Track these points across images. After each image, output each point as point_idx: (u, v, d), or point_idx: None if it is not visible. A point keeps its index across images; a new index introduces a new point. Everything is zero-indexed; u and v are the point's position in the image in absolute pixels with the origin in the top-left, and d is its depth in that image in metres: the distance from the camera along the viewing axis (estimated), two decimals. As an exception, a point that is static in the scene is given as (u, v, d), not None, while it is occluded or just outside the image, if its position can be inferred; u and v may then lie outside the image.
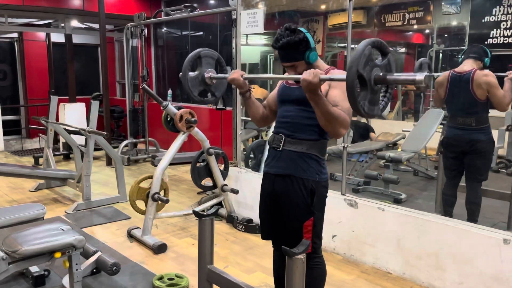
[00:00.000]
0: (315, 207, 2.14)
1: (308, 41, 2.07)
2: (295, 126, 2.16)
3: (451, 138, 3.71)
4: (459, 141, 3.62)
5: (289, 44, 2.06)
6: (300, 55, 2.08)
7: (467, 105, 3.55)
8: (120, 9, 7.91)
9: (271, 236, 2.37)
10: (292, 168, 2.15)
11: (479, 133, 3.53)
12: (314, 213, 2.14)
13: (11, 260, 2.34)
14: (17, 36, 9.03)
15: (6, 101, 9.01)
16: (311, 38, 2.08)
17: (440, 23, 7.33)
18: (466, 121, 3.56)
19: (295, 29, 2.07)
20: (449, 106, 3.77)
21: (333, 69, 2.16)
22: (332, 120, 1.97)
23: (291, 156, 2.15)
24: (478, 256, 2.80)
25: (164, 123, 4.12)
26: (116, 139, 8.60)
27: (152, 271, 3.28)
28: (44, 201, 5.04)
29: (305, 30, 2.10)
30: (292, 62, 2.11)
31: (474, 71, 3.49)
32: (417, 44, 9.05)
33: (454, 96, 3.63)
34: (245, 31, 4.31)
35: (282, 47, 2.08)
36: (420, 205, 4.53)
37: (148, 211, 3.81)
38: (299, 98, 2.12)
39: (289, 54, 2.10)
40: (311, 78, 1.87)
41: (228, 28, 5.89)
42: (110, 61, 9.64)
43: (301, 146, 2.14)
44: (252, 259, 3.52)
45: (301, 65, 2.11)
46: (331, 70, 2.15)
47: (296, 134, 2.15)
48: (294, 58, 2.10)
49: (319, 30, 8.19)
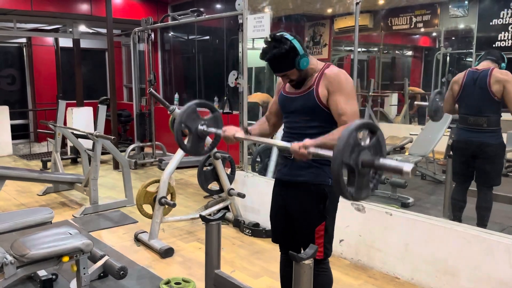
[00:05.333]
0: (327, 211, 2.13)
1: (296, 48, 1.99)
2: (305, 137, 2.07)
3: (461, 141, 3.63)
4: (469, 144, 3.55)
5: (276, 56, 1.99)
6: (290, 64, 2.01)
7: (481, 102, 3.46)
8: (127, 14, 7.96)
9: (281, 240, 2.36)
10: (305, 175, 2.13)
11: (490, 136, 3.46)
12: (326, 217, 2.13)
13: (19, 264, 2.35)
14: (26, 41, 9.11)
15: (15, 105, 9.09)
16: (298, 45, 2.00)
17: (447, 26, 7.30)
18: (478, 121, 3.48)
19: (281, 38, 1.99)
20: (461, 104, 3.65)
21: (328, 66, 2.10)
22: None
23: (303, 164, 2.10)
24: (487, 261, 2.77)
25: (171, 127, 4.13)
26: (123, 143, 8.63)
27: (159, 275, 3.28)
28: (52, 205, 5.07)
29: (291, 36, 2.00)
30: (283, 72, 2.05)
31: (492, 68, 3.46)
32: (424, 47, 9.02)
33: (469, 93, 3.53)
34: (252, 35, 4.31)
35: (270, 60, 2.02)
36: (428, 209, 4.49)
37: (155, 215, 3.82)
38: (301, 108, 2.11)
39: (279, 65, 2.04)
40: (302, 157, 1.81)
41: (234, 32, 5.91)
42: (117, 65, 9.69)
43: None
44: (259, 264, 3.51)
45: (293, 73, 2.05)
46: (326, 68, 2.09)
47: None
48: (285, 68, 2.03)
49: (325, 33, 8.18)
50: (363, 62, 9.27)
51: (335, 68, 2.09)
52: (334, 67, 2.10)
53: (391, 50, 9.53)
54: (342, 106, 2.00)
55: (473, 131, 3.52)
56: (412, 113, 8.08)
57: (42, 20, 8.03)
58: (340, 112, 2.01)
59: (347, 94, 2.01)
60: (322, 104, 2.05)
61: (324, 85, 2.04)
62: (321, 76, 2.06)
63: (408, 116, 7.93)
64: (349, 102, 2.01)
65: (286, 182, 2.22)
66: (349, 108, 1.99)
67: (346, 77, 2.05)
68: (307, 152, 1.78)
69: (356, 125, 1.58)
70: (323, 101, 2.05)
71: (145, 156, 7.48)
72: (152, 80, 7.03)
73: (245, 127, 2.23)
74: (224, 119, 6.96)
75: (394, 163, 1.56)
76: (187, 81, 9.00)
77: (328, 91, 2.04)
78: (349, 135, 1.54)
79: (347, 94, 2.02)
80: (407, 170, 1.49)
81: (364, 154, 1.58)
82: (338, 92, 2.01)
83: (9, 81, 9.26)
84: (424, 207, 4.66)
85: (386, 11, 7.55)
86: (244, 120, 4.48)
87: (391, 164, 1.56)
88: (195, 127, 2.24)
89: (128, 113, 9.03)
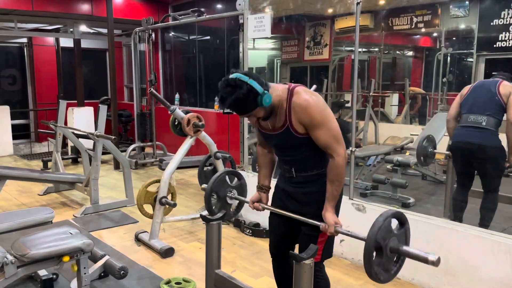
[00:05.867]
0: None
1: (254, 89, 1.89)
2: (299, 165, 2.14)
3: (460, 141, 3.61)
4: (467, 144, 3.53)
5: (238, 101, 1.91)
6: (253, 105, 1.93)
7: (486, 101, 3.47)
8: (128, 14, 7.96)
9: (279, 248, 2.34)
10: (307, 187, 2.15)
11: (488, 138, 3.44)
12: None
13: (20, 264, 2.35)
14: (27, 41, 9.13)
15: (16, 105, 9.10)
16: (255, 84, 1.89)
17: (448, 26, 7.29)
18: (478, 119, 3.47)
19: (235, 82, 1.89)
20: (465, 104, 3.61)
21: (292, 94, 2.01)
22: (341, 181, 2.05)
23: (306, 178, 2.14)
24: (488, 261, 2.77)
25: (172, 127, 4.13)
26: (124, 143, 8.64)
27: (160, 275, 3.28)
28: (52, 204, 5.07)
29: (246, 77, 1.90)
30: (248, 113, 1.99)
31: (503, 80, 3.52)
32: (424, 48, 9.01)
33: (476, 93, 3.56)
34: (252, 36, 4.31)
35: (231, 106, 1.94)
36: (428, 209, 4.49)
37: (156, 215, 3.82)
38: (283, 144, 2.11)
39: (241, 109, 1.97)
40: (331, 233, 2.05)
41: (235, 32, 5.91)
42: (118, 65, 9.69)
43: (313, 172, 2.13)
44: (259, 264, 3.51)
45: (259, 111, 1.98)
46: (291, 97, 2.00)
47: (304, 168, 2.14)
48: (248, 110, 1.96)
49: (326, 34, 8.18)
50: (364, 62, 9.26)
51: (301, 96, 1.98)
52: (300, 94, 2.00)
53: (392, 50, 9.52)
54: (323, 140, 1.98)
55: (471, 130, 3.50)
56: (413, 113, 8.07)
57: (43, 20, 8.04)
58: (323, 146, 2.00)
59: (321, 124, 1.96)
60: (303, 135, 2.02)
61: (296, 120, 1.99)
62: (290, 108, 1.99)
63: (409, 116, 7.92)
64: (328, 131, 1.97)
65: (289, 192, 2.22)
66: (330, 139, 1.98)
67: (315, 103, 1.96)
68: (336, 232, 2.05)
69: (391, 213, 1.77)
70: (302, 132, 2.01)
71: (146, 156, 7.48)
72: (152, 80, 7.04)
73: (260, 185, 2.33)
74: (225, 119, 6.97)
75: (419, 252, 1.71)
76: (188, 81, 9.00)
77: (303, 126, 1.99)
78: (385, 219, 1.73)
79: (322, 123, 1.96)
80: (433, 260, 1.65)
81: (393, 241, 1.75)
82: (313, 128, 1.97)
83: (10, 81, 9.27)
84: (425, 207, 4.65)
85: (386, 11, 7.54)
86: (244, 120, 4.48)
87: (416, 252, 1.72)
88: (224, 194, 2.38)
89: (128, 113, 9.04)
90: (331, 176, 2.02)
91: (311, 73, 9.22)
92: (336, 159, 1.98)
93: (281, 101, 2.01)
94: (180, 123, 3.99)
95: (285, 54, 9.15)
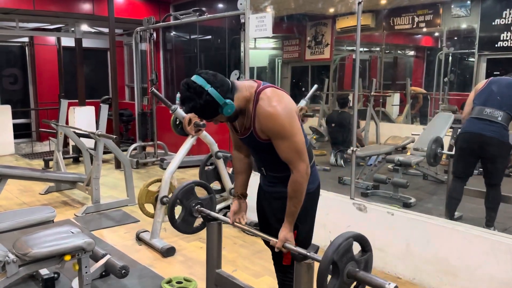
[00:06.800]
0: (300, 219, 2.02)
1: (214, 99, 1.79)
2: (268, 165, 2.11)
3: (470, 132, 3.56)
4: (478, 136, 3.49)
5: (194, 109, 1.84)
6: (213, 113, 1.85)
7: (505, 96, 3.44)
8: (129, 13, 7.96)
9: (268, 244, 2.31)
10: (276, 186, 2.11)
11: (502, 133, 3.43)
12: (297, 225, 2.03)
13: (21, 263, 2.36)
14: (28, 41, 9.14)
15: (17, 104, 9.11)
16: (216, 93, 1.78)
17: (449, 26, 7.28)
18: (494, 113, 3.43)
19: (195, 90, 1.78)
20: (480, 96, 3.57)
21: (258, 98, 1.88)
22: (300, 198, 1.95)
23: (276, 178, 2.11)
24: (489, 261, 2.77)
25: (173, 127, 4.13)
26: (125, 143, 8.65)
27: (161, 274, 3.29)
28: (54, 204, 5.08)
29: (208, 84, 1.78)
30: (210, 120, 1.92)
31: None
32: (426, 47, 9.00)
33: (494, 87, 3.53)
34: (254, 35, 4.31)
35: (190, 111, 1.88)
36: (429, 209, 4.48)
37: (157, 214, 3.82)
38: (251, 146, 2.06)
39: (201, 115, 1.89)
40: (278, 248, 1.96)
41: (236, 32, 5.92)
42: (119, 65, 9.70)
43: (282, 174, 2.01)
44: (260, 263, 3.51)
45: (221, 117, 1.89)
46: (257, 102, 1.88)
47: (273, 169, 2.09)
48: (208, 117, 1.89)
49: (327, 33, 8.18)
50: (365, 62, 9.25)
51: (266, 103, 1.86)
52: (265, 100, 1.87)
53: (393, 50, 9.51)
54: (284, 153, 1.90)
55: (487, 123, 3.45)
56: (414, 113, 8.06)
57: (44, 19, 8.05)
58: (284, 159, 1.92)
59: (285, 138, 1.86)
60: (266, 141, 1.94)
61: (259, 128, 1.90)
62: (255, 113, 1.89)
63: (410, 116, 7.91)
64: (290, 144, 1.87)
65: (264, 190, 2.23)
66: (291, 153, 1.88)
67: (280, 113, 1.84)
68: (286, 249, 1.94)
69: (353, 234, 1.66)
70: (265, 138, 1.93)
71: (147, 155, 7.49)
72: (154, 79, 7.05)
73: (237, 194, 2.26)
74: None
75: (378, 279, 1.58)
76: (189, 81, 8.99)
77: (266, 134, 1.91)
78: (345, 239, 1.61)
79: (285, 137, 1.86)
80: None
81: (352, 265, 1.64)
82: (275, 139, 1.89)
83: (11, 80, 9.28)
84: (426, 207, 4.65)
85: (388, 11, 7.54)
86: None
87: (375, 281, 1.58)
88: (189, 205, 2.35)
89: (130, 112, 9.05)
90: (290, 192, 1.94)
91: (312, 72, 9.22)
92: (295, 175, 1.90)
93: (248, 102, 1.91)
94: (181, 122, 4.00)
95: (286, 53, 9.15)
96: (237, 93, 1.88)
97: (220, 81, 1.83)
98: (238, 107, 1.88)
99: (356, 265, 1.66)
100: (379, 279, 1.58)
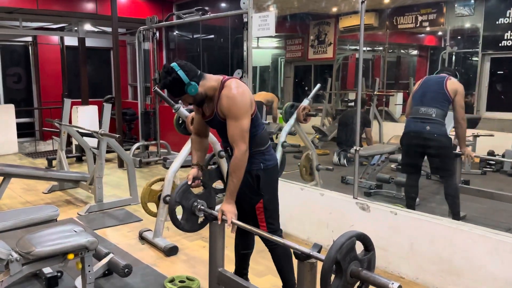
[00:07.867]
0: (262, 189, 2.41)
1: (181, 78, 2.21)
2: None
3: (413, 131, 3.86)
4: (420, 134, 3.78)
5: (166, 85, 2.26)
6: (181, 91, 2.25)
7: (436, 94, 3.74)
8: (133, 12, 7.98)
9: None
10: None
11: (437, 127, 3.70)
12: (262, 195, 2.41)
13: (24, 261, 2.36)
14: (31, 40, 9.16)
15: (21, 103, 9.14)
16: (183, 74, 2.21)
17: (453, 25, 7.26)
18: (428, 111, 3.74)
19: (168, 70, 2.23)
20: (416, 97, 3.89)
21: (223, 86, 2.28)
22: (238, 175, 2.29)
23: None
24: (493, 261, 2.76)
25: (176, 126, 4.13)
26: (128, 142, 8.66)
27: (164, 273, 3.29)
28: (57, 202, 5.09)
29: (178, 67, 2.22)
30: (178, 97, 2.31)
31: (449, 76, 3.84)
32: (429, 47, 8.98)
33: (426, 87, 3.85)
34: (257, 34, 4.30)
35: (163, 87, 2.29)
36: (433, 209, 4.47)
37: (160, 213, 3.83)
38: (217, 128, 2.41)
39: (172, 92, 2.29)
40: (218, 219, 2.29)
41: (239, 31, 5.91)
42: (122, 64, 9.73)
43: None
44: (263, 262, 3.51)
45: (188, 97, 2.29)
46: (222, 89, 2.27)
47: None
48: (177, 94, 2.28)
49: (330, 32, 8.17)
50: (368, 61, 9.24)
51: (228, 89, 2.26)
52: (228, 87, 2.26)
53: (397, 49, 9.49)
54: (230, 131, 2.25)
55: (423, 121, 3.75)
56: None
57: (47, 19, 8.07)
58: (229, 137, 2.27)
59: (234, 117, 2.23)
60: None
61: (220, 109, 2.29)
62: (219, 98, 2.28)
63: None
64: (237, 125, 2.23)
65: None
66: (236, 133, 2.23)
67: (237, 97, 2.23)
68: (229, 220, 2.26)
69: (356, 233, 1.68)
70: (225, 118, 2.29)
71: (150, 154, 7.50)
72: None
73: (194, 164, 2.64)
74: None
75: (383, 279, 1.57)
76: (192, 80, 9.00)
77: (222, 111, 2.28)
78: (348, 238, 1.63)
79: (235, 116, 2.23)
80: None
81: (355, 264, 1.65)
82: (227, 117, 2.26)
83: (15, 79, 9.31)
84: (429, 206, 4.63)
85: (391, 10, 7.53)
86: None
87: (379, 280, 1.58)
88: (189, 205, 2.43)
89: (133, 111, 9.06)
90: (230, 168, 2.28)
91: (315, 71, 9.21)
92: (236, 153, 2.25)
93: (215, 91, 2.30)
94: (184, 121, 3.99)
95: (289, 52, 9.14)
96: (203, 81, 2.29)
97: (189, 67, 2.26)
98: (204, 92, 2.29)
99: (359, 265, 1.66)
100: (382, 278, 1.59)
